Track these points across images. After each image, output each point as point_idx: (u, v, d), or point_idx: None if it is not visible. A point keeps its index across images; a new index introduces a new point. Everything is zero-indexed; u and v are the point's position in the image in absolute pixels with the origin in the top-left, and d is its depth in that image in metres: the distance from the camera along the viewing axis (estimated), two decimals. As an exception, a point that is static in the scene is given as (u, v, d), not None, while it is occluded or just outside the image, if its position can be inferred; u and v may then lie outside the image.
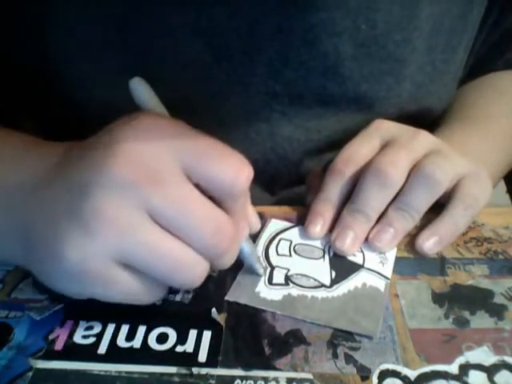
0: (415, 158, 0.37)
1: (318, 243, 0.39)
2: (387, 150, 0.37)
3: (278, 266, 0.36)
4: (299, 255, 0.38)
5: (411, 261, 0.37)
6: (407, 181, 0.36)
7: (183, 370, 0.29)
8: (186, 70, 0.42)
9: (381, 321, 0.32)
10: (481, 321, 0.33)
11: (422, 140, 0.38)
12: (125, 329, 0.32)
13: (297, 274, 0.36)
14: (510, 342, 0.31)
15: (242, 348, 0.31)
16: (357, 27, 0.41)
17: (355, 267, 0.37)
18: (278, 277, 0.36)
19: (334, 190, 0.38)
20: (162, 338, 0.31)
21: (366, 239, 0.38)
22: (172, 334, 0.31)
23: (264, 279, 0.35)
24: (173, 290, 0.34)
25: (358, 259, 0.37)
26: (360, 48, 0.42)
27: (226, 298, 0.33)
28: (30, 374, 0.29)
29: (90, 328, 0.32)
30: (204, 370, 0.29)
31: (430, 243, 0.37)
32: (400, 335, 0.32)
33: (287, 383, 0.29)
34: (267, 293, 0.34)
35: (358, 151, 0.38)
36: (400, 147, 0.37)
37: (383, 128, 0.39)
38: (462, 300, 0.34)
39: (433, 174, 0.36)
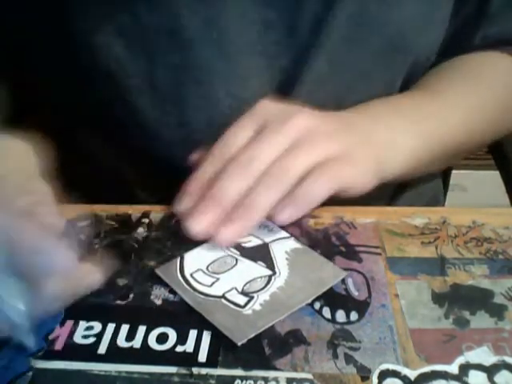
0: (278, 150, 0.38)
1: (221, 253, 0.37)
2: (253, 142, 0.39)
3: (225, 293, 0.34)
4: (220, 273, 0.36)
5: (411, 261, 0.37)
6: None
7: (183, 370, 0.29)
8: None
9: (331, 263, 0.36)
10: (481, 321, 0.33)
11: (292, 126, 0.39)
12: (125, 329, 0.32)
13: (245, 285, 0.35)
14: (510, 342, 0.31)
15: (242, 348, 0.31)
16: None
17: (265, 247, 0.38)
18: (239, 298, 0.33)
19: (207, 169, 0.39)
20: (162, 338, 0.31)
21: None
22: (172, 334, 0.31)
23: (237, 309, 0.33)
24: (172, 291, 0.34)
25: (257, 241, 0.38)
26: None
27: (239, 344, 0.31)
28: (30, 374, 0.29)
29: (90, 328, 0.32)
30: (204, 370, 0.29)
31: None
32: (400, 335, 0.32)
33: (287, 383, 0.29)
34: (257, 314, 0.32)
35: (234, 142, 0.40)
36: (263, 140, 0.39)
37: (263, 112, 0.41)
38: (462, 300, 0.34)
39: (277, 175, 0.37)
